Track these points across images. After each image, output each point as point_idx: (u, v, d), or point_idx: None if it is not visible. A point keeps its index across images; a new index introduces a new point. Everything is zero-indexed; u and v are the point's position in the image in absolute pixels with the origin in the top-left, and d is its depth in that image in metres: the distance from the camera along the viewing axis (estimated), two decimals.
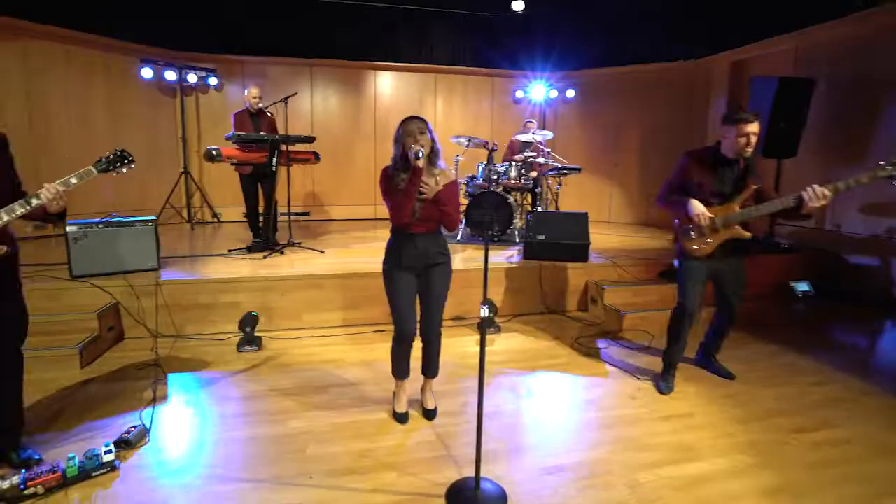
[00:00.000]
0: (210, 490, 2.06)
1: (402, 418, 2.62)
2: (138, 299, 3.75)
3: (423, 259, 2.47)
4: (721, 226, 2.77)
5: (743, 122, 2.65)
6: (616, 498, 2.01)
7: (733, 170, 2.80)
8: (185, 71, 6.86)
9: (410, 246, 2.44)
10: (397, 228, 2.46)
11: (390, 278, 2.52)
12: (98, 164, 2.16)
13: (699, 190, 2.82)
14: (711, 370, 3.21)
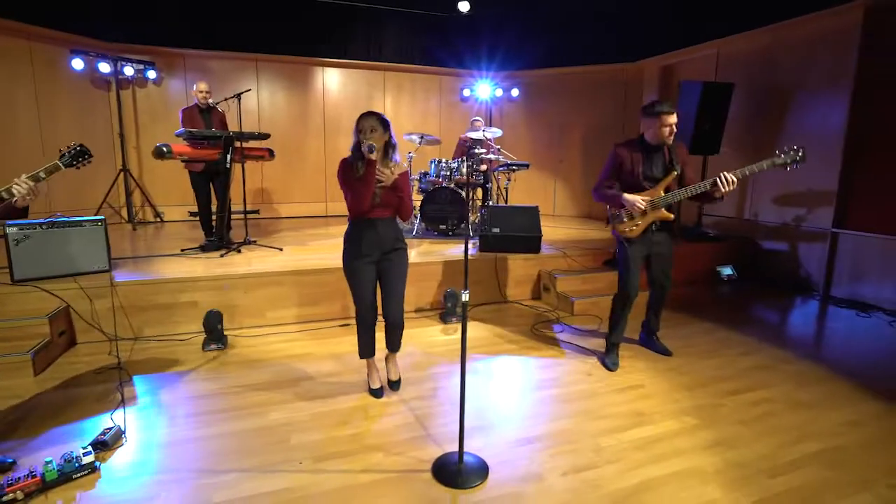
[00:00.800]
0: (200, 483, 2.10)
1: (377, 393, 2.85)
2: (91, 302, 3.61)
3: (382, 245, 2.67)
4: (649, 208, 3.09)
5: (666, 114, 2.98)
6: (584, 461, 2.25)
7: (658, 155, 3.12)
8: (120, 63, 6.52)
9: (371, 232, 2.63)
10: (357, 216, 2.63)
11: (351, 268, 2.69)
12: (62, 159, 2.14)
13: (631, 175, 3.12)
14: (652, 347, 3.56)
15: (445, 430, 2.53)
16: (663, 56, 7.11)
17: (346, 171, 2.61)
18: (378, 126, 2.56)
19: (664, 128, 2.98)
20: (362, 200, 2.56)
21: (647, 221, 3.13)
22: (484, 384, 3.05)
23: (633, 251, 3.19)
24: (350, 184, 2.58)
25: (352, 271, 2.70)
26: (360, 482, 2.10)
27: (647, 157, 3.11)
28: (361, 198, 2.55)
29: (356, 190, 2.55)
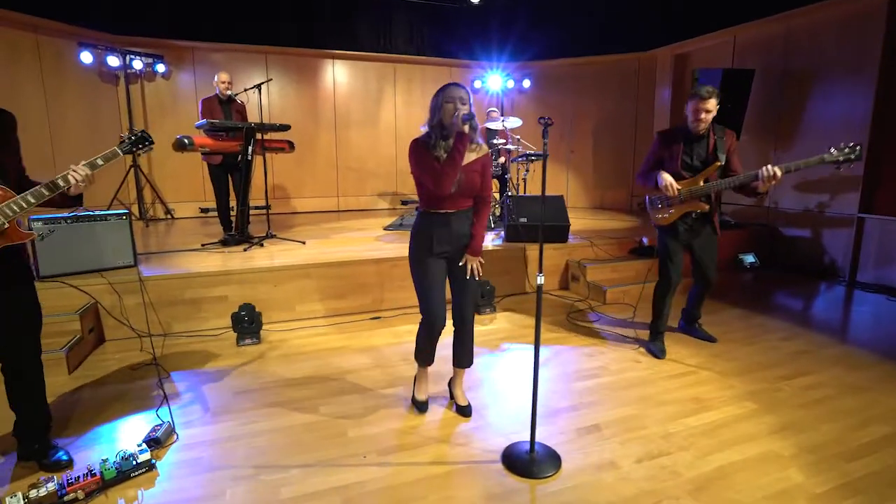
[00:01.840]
0: (264, 479, 2.02)
1: (422, 406, 2.53)
2: (120, 298, 3.51)
3: (456, 241, 2.32)
4: (686, 197, 3.02)
5: (698, 98, 2.87)
6: (655, 448, 2.20)
7: (700, 145, 3.02)
8: (129, 56, 6.38)
9: (444, 228, 2.28)
10: (430, 208, 2.29)
11: (421, 265, 2.34)
12: (122, 145, 2.05)
13: (670, 163, 3.05)
14: (695, 335, 3.51)
15: (503, 419, 2.48)
16: (677, 45, 7.05)
17: (423, 153, 2.21)
18: (467, 99, 2.19)
19: (696, 112, 2.88)
20: (444, 184, 2.15)
21: (680, 210, 3.07)
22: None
23: (669, 239, 3.13)
24: (428, 166, 2.19)
25: (422, 267, 2.34)
26: (431, 474, 2.04)
27: (689, 145, 3.04)
28: (443, 180, 2.14)
29: (436, 172, 2.16)
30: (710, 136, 3.01)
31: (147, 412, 2.55)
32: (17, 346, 2.01)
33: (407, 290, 4.17)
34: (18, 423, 2.12)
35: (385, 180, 8.11)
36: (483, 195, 2.35)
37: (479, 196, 2.35)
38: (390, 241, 5.02)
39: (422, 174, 2.22)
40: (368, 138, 7.94)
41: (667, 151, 3.06)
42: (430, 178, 2.18)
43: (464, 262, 2.37)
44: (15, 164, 1.93)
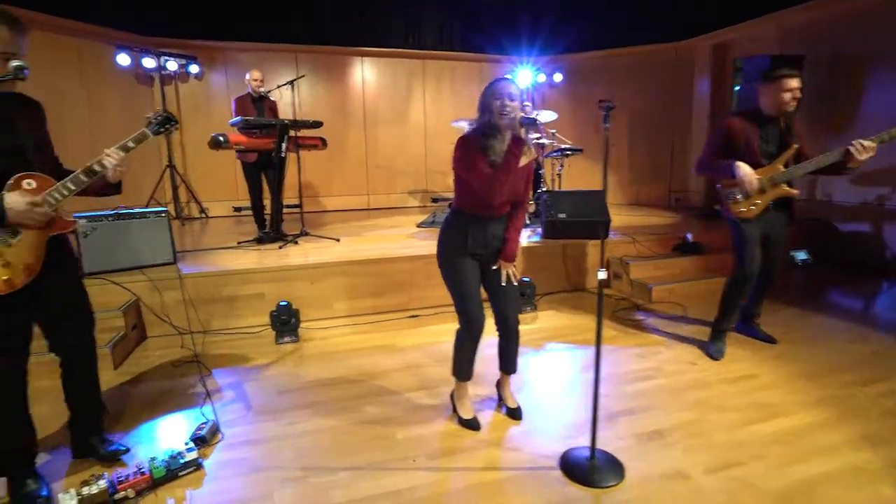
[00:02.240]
0: (312, 481, 1.95)
1: (473, 424, 2.30)
2: (160, 295, 3.51)
3: (490, 244, 2.20)
4: (768, 186, 2.84)
5: (787, 78, 2.71)
6: (725, 457, 2.04)
7: (774, 128, 2.84)
8: (163, 58, 6.45)
9: (480, 231, 2.15)
10: (470, 210, 2.14)
11: (453, 265, 2.19)
12: (150, 127, 2.00)
13: (747, 151, 2.84)
14: (753, 335, 3.31)
15: (556, 422, 2.35)
16: (716, 33, 6.77)
17: (474, 154, 2.02)
18: (517, 95, 2.03)
19: (784, 93, 2.70)
20: (495, 192, 1.99)
21: (766, 200, 2.87)
22: (584, 374, 2.86)
23: (750, 230, 2.92)
24: (479, 171, 2.00)
25: (454, 267, 2.19)
26: (486, 480, 1.93)
27: (764, 129, 2.85)
28: (494, 188, 1.98)
29: (490, 179, 1.98)
30: (781, 119, 2.83)
31: (191, 410, 2.52)
32: (71, 337, 1.99)
33: (444, 288, 4.06)
34: (73, 418, 2.11)
35: (414, 178, 8.03)
36: (521, 200, 2.23)
37: (517, 201, 2.21)
38: (424, 238, 4.94)
39: (470, 177, 2.05)
40: (397, 136, 7.88)
41: (741, 138, 2.85)
42: (481, 185, 2.02)
43: (498, 267, 2.23)
44: (49, 153, 1.91)
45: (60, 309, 1.92)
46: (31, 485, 1.85)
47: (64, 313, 1.94)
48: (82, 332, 2.03)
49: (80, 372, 2.05)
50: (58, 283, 1.87)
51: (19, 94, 1.81)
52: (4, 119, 1.72)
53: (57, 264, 1.83)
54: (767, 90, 2.78)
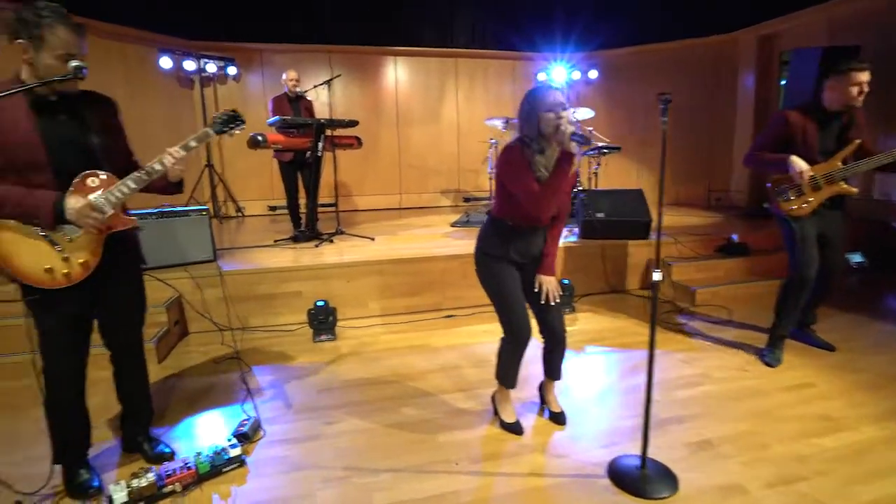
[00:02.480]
0: (354, 482, 1.93)
1: (516, 428, 2.24)
2: (201, 292, 3.58)
3: (530, 252, 2.13)
4: (824, 183, 2.68)
5: (856, 71, 2.55)
6: (787, 471, 1.93)
7: (835, 123, 2.69)
8: (203, 60, 6.60)
9: (521, 240, 2.09)
10: (512, 221, 2.06)
11: (495, 275, 2.12)
12: (214, 126, 2.02)
13: (804, 146, 2.69)
14: (809, 342, 3.13)
15: (601, 428, 2.28)
16: (761, 25, 6.49)
17: (521, 167, 1.93)
18: (567, 104, 1.93)
19: (853, 87, 2.54)
20: (542, 208, 1.93)
21: (820, 198, 2.72)
22: (628, 379, 2.76)
23: (804, 229, 2.77)
24: (525, 185, 1.92)
25: (496, 278, 2.11)
26: (531, 486, 1.88)
27: (824, 124, 2.69)
28: (541, 204, 1.91)
29: (537, 194, 1.89)
30: (844, 114, 2.66)
31: (232, 406, 2.55)
32: (120, 335, 2.03)
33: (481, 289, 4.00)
34: (124, 414, 2.15)
35: (447, 177, 8.00)
36: (563, 211, 2.15)
37: (557, 213, 2.13)
38: (459, 237, 4.90)
39: (515, 189, 1.97)
40: (430, 135, 7.86)
41: (798, 132, 2.70)
42: (528, 200, 1.94)
43: (539, 286, 2.15)
44: (120, 149, 1.93)
45: (116, 306, 1.95)
46: (83, 475, 1.90)
47: (118, 311, 1.97)
48: (129, 331, 2.06)
49: (128, 369, 2.09)
50: (117, 280, 1.91)
51: (89, 93, 1.83)
52: (73, 117, 1.75)
53: (117, 262, 1.85)
54: (835, 84, 2.62)
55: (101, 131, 1.81)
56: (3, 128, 1.60)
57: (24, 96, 1.63)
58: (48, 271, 1.70)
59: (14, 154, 1.62)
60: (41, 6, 1.60)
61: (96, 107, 1.83)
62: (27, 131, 1.63)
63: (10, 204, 1.61)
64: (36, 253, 1.69)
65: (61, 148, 1.70)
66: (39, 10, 1.59)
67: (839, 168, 2.64)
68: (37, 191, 1.64)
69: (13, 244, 1.67)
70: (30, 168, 1.65)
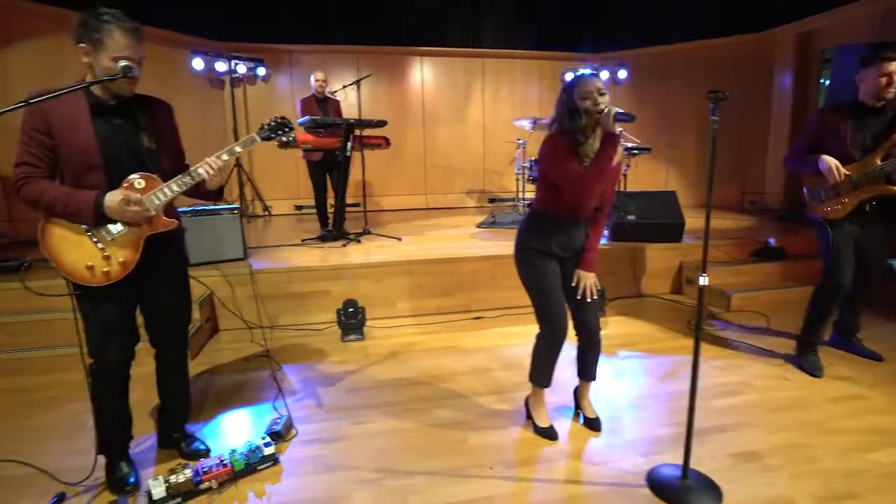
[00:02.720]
0: (389, 484, 1.91)
1: (550, 433, 2.19)
2: (233, 290, 3.62)
3: (572, 246, 2.10)
4: (860, 182, 2.56)
5: (886, 61, 2.44)
6: (839, 487, 1.84)
7: (876, 119, 2.57)
8: (234, 62, 6.71)
9: (562, 233, 2.05)
10: (554, 213, 2.04)
11: (536, 270, 2.08)
12: (261, 132, 2.04)
13: (836, 142, 2.60)
14: (855, 351, 3.01)
15: (636, 436, 2.22)
16: (801, 22, 6.28)
17: (563, 154, 1.92)
18: (605, 89, 1.91)
19: (881, 77, 2.44)
20: (586, 195, 1.92)
21: (856, 199, 2.61)
22: (664, 385, 2.69)
23: (839, 234, 2.67)
24: (569, 171, 1.90)
25: (537, 272, 2.08)
26: (569, 494, 1.83)
27: (861, 121, 2.58)
28: (585, 191, 1.90)
29: (581, 179, 1.88)
30: (887, 109, 2.55)
31: (263, 404, 2.56)
32: (168, 331, 2.05)
33: (510, 290, 3.97)
34: (162, 409, 2.18)
35: (472, 178, 7.97)
36: (605, 204, 2.11)
37: (599, 205, 2.09)
38: (487, 238, 4.86)
39: (558, 175, 1.95)
40: (456, 135, 7.84)
41: (831, 129, 2.62)
42: (572, 185, 1.92)
43: (577, 281, 2.11)
44: (173, 152, 1.96)
45: (158, 304, 1.98)
46: (123, 469, 1.93)
47: (161, 309, 2.00)
48: (172, 328, 2.07)
49: (169, 365, 2.11)
50: (160, 278, 1.93)
51: (145, 97, 1.88)
52: (129, 121, 1.79)
53: (158, 261, 1.88)
54: (865, 76, 2.52)
55: (155, 134, 1.85)
56: (64, 129, 1.66)
57: (84, 100, 1.69)
58: (89, 268, 1.74)
59: (72, 155, 1.68)
60: (102, 12, 1.66)
61: (150, 110, 1.87)
62: (86, 134, 1.68)
63: (59, 204, 1.67)
64: (80, 250, 1.74)
65: (116, 151, 1.74)
66: (100, 14, 1.65)
67: (877, 166, 2.52)
68: (80, 190, 1.68)
69: (61, 242, 1.72)
70: (85, 169, 1.70)
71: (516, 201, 6.70)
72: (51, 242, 1.72)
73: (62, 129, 1.66)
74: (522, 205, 6.30)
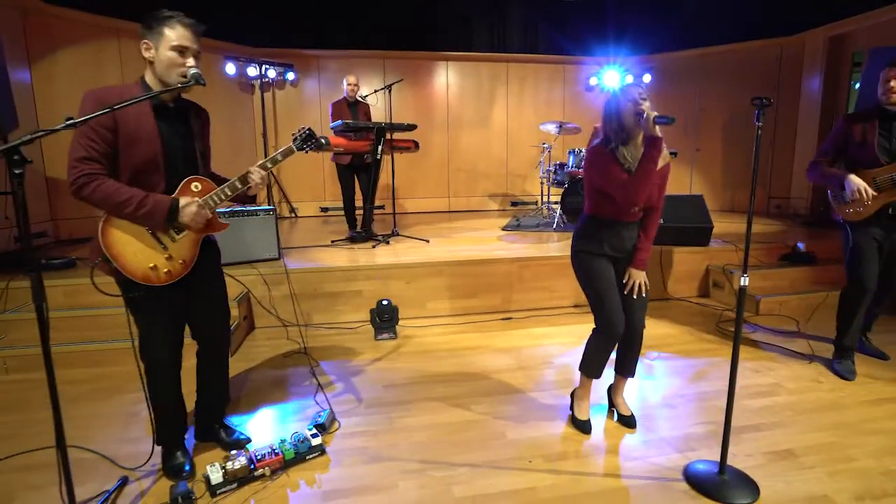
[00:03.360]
0: (433, 475, 1.99)
1: (586, 427, 2.28)
2: (268, 288, 3.74)
3: (624, 248, 2.18)
4: (884, 186, 2.58)
5: (890, 67, 2.51)
6: (876, 485, 1.87)
7: None
8: (264, 67, 6.89)
9: (614, 235, 2.14)
10: (605, 216, 2.13)
11: (592, 267, 2.18)
12: (295, 142, 2.13)
13: (862, 149, 2.64)
14: (861, 350, 3.04)
15: (671, 433, 2.26)
16: (833, 25, 6.23)
17: (607, 163, 2.01)
18: (646, 94, 1.99)
19: (888, 83, 2.51)
20: (633, 197, 1.99)
21: (879, 202, 2.63)
22: (697, 386, 2.72)
23: (861, 236, 2.70)
24: (616, 178, 1.98)
25: (594, 271, 2.17)
26: (609, 487, 1.89)
27: (886, 126, 2.61)
28: (632, 194, 1.97)
29: (627, 184, 1.95)
30: None
31: (303, 399, 2.66)
32: (209, 327, 2.15)
33: (537, 292, 4.04)
34: (201, 403, 2.25)
35: (495, 181, 8.04)
36: (655, 206, 2.17)
37: (650, 206, 2.16)
38: (513, 240, 4.92)
39: (608, 186, 2.04)
40: (480, 139, 7.93)
41: (857, 135, 2.66)
42: (619, 191, 2.01)
43: (628, 279, 2.20)
44: (209, 157, 2.07)
45: (205, 302, 2.08)
46: (179, 457, 2.03)
47: (207, 306, 2.10)
48: (218, 324, 2.18)
49: (214, 359, 2.20)
50: (208, 278, 2.05)
51: (192, 102, 1.99)
52: (183, 125, 1.90)
53: (208, 261, 1.99)
54: (879, 82, 2.58)
55: (200, 139, 1.96)
56: (130, 127, 1.73)
57: (147, 101, 1.77)
58: (152, 269, 1.82)
59: (137, 152, 1.75)
60: (162, 10, 1.77)
61: (197, 115, 1.98)
62: (151, 133, 1.77)
63: (131, 206, 1.70)
64: (143, 251, 1.80)
65: (175, 152, 1.84)
66: (162, 11, 1.77)
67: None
68: (153, 194, 1.77)
69: (123, 243, 1.78)
70: (147, 168, 1.78)
71: (541, 205, 6.75)
72: (113, 242, 1.76)
73: (129, 128, 1.72)
74: (547, 208, 6.35)
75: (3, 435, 2.31)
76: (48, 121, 5.07)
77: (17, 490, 1.92)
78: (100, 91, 1.72)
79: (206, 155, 2.02)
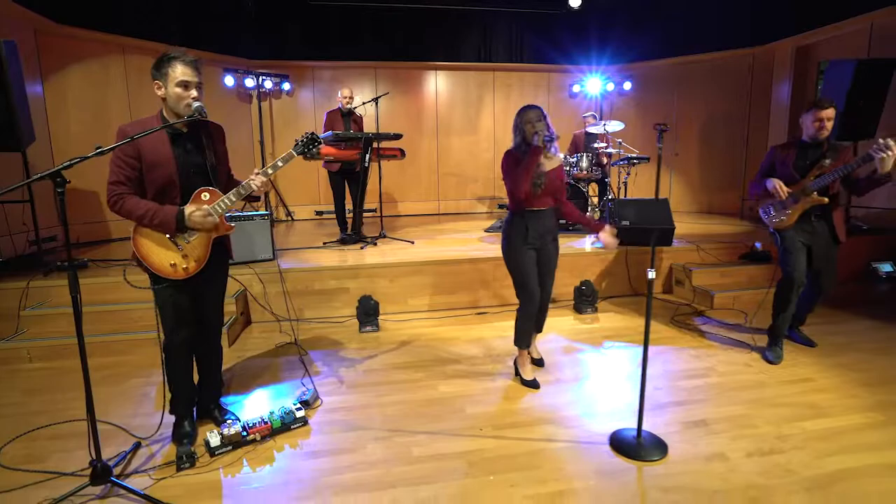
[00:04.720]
0: (397, 440, 2.35)
1: (535, 384, 2.86)
2: (264, 286, 4.10)
3: (545, 234, 2.77)
4: (799, 196, 3.04)
5: (817, 108, 2.95)
6: (767, 446, 2.22)
7: (816, 151, 3.06)
8: (261, 78, 7.27)
9: (537, 222, 2.74)
10: (520, 207, 2.73)
11: (518, 252, 2.77)
12: (296, 147, 2.47)
13: (783, 169, 3.11)
14: (794, 338, 3.45)
15: (609, 407, 2.62)
16: (800, 36, 6.58)
17: (514, 163, 2.69)
18: (542, 118, 2.67)
19: (815, 122, 2.96)
20: (521, 185, 2.63)
21: (798, 209, 3.07)
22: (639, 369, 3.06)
23: (788, 239, 3.12)
24: (514, 173, 2.67)
25: (518, 258, 2.76)
26: (542, 448, 2.24)
27: (802, 152, 3.10)
28: (519, 183, 2.63)
29: (519, 177, 2.63)
30: (824, 145, 3.05)
31: (292, 382, 3.02)
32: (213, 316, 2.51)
33: (509, 289, 4.36)
34: (201, 385, 2.59)
35: (483, 185, 8.41)
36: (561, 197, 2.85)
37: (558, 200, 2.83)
38: (492, 242, 5.28)
39: (507, 180, 2.73)
40: (468, 144, 8.30)
41: (780, 156, 3.16)
42: (512, 182, 2.68)
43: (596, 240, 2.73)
44: (224, 168, 2.42)
45: (210, 293, 2.44)
46: (187, 427, 2.39)
47: (212, 297, 2.46)
48: (218, 314, 2.54)
49: (212, 346, 2.56)
50: (215, 275, 2.41)
51: (207, 122, 2.32)
52: (196, 145, 2.26)
53: (217, 260, 2.35)
54: (805, 119, 3.05)
55: (214, 154, 2.31)
56: (150, 155, 2.12)
57: (164, 131, 2.15)
58: (172, 266, 2.20)
59: (157, 174, 2.14)
60: (168, 52, 2.13)
61: (209, 132, 2.33)
62: (167, 159, 2.14)
63: (147, 217, 2.12)
64: (164, 252, 2.19)
65: (188, 171, 2.21)
66: (166, 54, 2.13)
67: (810, 180, 2.98)
68: (164, 206, 2.14)
69: (149, 246, 2.18)
70: (166, 185, 2.17)
71: None
72: (142, 246, 2.17)
73: (149, 155, 2.11)
74: None
75: (34, 411, 2.68)
76: (60, 134, 5.46)
77: (51, 453, 2.29)
78: (128, 126, 2.11)
79: (217, 167, 2.34)
